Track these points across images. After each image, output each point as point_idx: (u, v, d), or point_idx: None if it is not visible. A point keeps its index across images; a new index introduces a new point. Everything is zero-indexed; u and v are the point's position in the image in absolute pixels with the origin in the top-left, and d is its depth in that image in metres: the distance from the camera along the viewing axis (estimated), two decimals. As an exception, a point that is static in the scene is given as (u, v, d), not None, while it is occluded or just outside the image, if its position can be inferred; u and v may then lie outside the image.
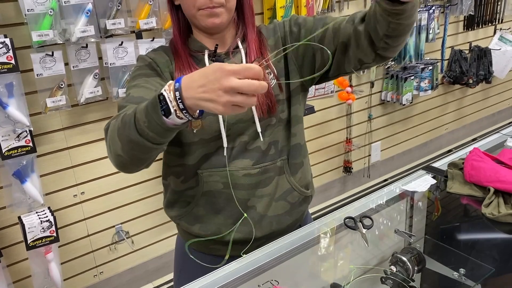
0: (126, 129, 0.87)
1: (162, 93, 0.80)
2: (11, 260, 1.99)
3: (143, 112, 0.83)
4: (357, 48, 1.02)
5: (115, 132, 0.90)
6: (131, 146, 0.88)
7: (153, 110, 0.81)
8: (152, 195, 2.29)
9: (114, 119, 0.95)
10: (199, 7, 1.03)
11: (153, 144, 0.86)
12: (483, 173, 1.30)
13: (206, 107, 0.77)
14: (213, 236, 1.15)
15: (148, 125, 0.82)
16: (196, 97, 0.77)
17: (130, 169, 0.97)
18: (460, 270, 0.99)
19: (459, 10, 3.20)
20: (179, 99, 0.78)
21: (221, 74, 0.74)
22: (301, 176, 1.20)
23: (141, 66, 1.11)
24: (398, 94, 3.04)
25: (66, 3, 1.71)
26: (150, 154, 0.92)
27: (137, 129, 0.84)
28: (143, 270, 2.40)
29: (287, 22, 1.16)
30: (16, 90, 1.69)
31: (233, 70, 0.74)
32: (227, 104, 0.75)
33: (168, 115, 0.80)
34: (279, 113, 1.14)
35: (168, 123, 0.82)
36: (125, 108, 0.96)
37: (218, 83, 0.74)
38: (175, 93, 0.78)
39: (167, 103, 0.79)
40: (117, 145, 0.90)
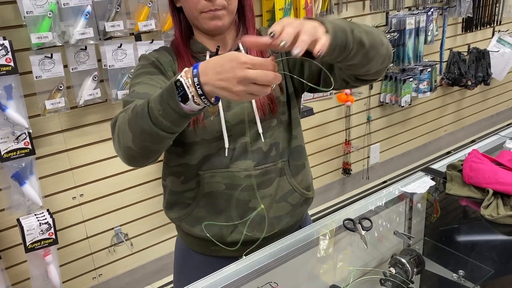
0: (139, 119, 0.86)
1: (178, 79, 0.80)
2: (10, 263, 1.99)
3: (157, 101, 0.83)
4: (339, 70, 1.04)
5: (126, 124, 0.90)
6: (143, 137, 0.88)
7: (170, 97, 0.81)
8: (151, 197, 2.29)
9: (122, 113, 0.94)
10: (201, 10, 1.04)
11: (166, 133, 0.86)
12: (482, 175, 1.30)
13: (221, 95, 0.79)
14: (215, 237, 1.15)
15: (163, 113, 0.82)
16: (212, 84, 0.78)
17: (139, 162, 0.96)
18: (459, 272, 0.99)
19: (458, 12, 3.21)
20: (198, 85, 0.79)
21: (236, 64, 0.76)
22: (302, 178, 1.21)
23: (144, 64, 1.11)
24: (397, 96, 3.04)
25: (65, 5, 1.71)
26: (162, 144, 0.91)
27: (150, 118, 0.84)
28: (142, 272, 2.40)
29: None
30: (15, 92, 1.69)
31: (248, 61, 0.75)
32: (241, 93, 0.77)
33: (186, 101, 0.80)
34: (280, 115, 1.15)
35: (186, 109, 0.82)
36: (133, 103, 0.95)
37: (232, 73, 0.76)
38: (193, 79, 0.79)
39: (184, 89, 0.80)
40: (127, 136, 0.90)
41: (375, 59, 0.95)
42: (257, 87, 0.77)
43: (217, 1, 1.02)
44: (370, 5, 2.81)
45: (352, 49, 0.88)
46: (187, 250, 1.27)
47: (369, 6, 2.81)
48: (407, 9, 3.01)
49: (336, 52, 0.86)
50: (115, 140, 0.95)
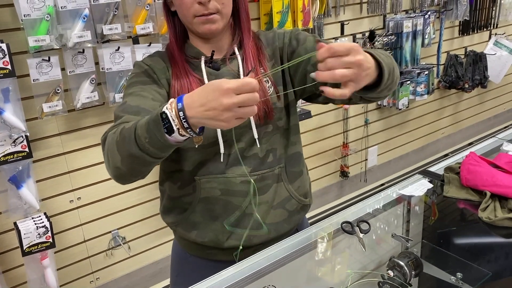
0: (126, 143, 0.88)
1: (164, 111, 0.82)
2: (7, 266, 1.98)
3: (144, 128, 0.84)
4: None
5: (114, 146, 0.91)
6: (131, 160, 0.90)
7: (156, 128, 0.82)
8: (148, 200, 2.29)
9: (112, 130, 0.95)
10: (195, 14, 1.03)
11: (153, 158, 0.88)
12: (480, 177, 1.30)
13: (210, 125, 0.80)
14: (211, 243, 1.15)
15: (150, 141, 0.84)
16: (199, 116, 0.79)
17: (127, 180, 0.98)
18: (457, 274, 0.99)
19: (455, 15, 3.22)
20: (183, 119, 0.80)
21: (220, 93, 0.76)
22: (300, 185, 1.20)
23: (137, 73, 1.10)
24: (394, 98, 3.05)
25: (63, 8, 1.71)
26: (150, 166, 0.94)
27: (137, 144, 0.86)
28: (140, 276, 2.39)
29: (288, 34, 1.16)
30: (12, 95, 1.69)
31: (231, 88, 0.76)
32: (230, 119, 0.78)
33: (171, 133, 0.82)
34: (276, 121, 1.14)
35: (171, 140, 0.84)
36: (122, 119, 0.97)
37: (218, 102, 0.76)
38: (178, 113, 0.80)
39: (169, 121, 0.81)
40: (116, 158, 0.92)
41: (392, 90, 1.01)
42: (244, 109, 0.78)
43: (210, 4, 1.02)
44: (367, 8, 2.82)
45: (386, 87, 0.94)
46: (183, 254, 1.26)
47: (367, 9, 2.82)
48: (404, 12, 3.02)
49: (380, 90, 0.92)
50: (105, 158, 0.96)
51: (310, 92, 1.14)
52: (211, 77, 1.09)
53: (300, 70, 1.12)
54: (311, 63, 1.08)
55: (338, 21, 2.71)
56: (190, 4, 1.02)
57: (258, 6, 2.36)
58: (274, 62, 1.14)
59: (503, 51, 3.64)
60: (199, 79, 1.09)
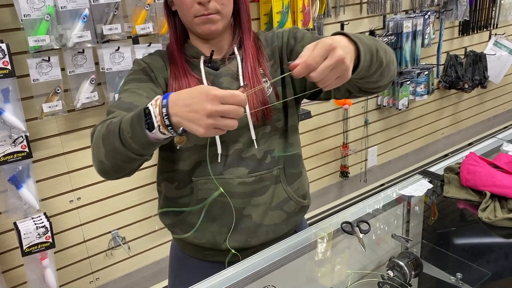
0: (111, 137, 0.87)
1: (148, 107, 0.81)
2: (7, 267, 1.98)
3: (128, 123, 0.84)
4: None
5: (100, 139, 0.91)
6: (114, 154, 0.89)
7: (138, 123, 0.82)
8: (148, 200, 2.29)
9: (101, 124, 0.95)
10: (195, 14, 1.03)
11: (135, 155, 0.87)
12: (479, 178, 1.30)
13: (188, 127, 0.79)
14: (208, 244, 1.15)
15: (132, 135, 0.83)
16: (180, 115, 0.78)
17: (111, 176, 0.98)
18: (457, 275, 0.99)
19: (454, 15, 3.22)
20: (166, 115, 0.79)
21: (206, 98, 0.76)
22: (298, 187, 1.20)
23: (135, 70, 1.11)
24: (394, 99, 3.05)
25: (63, 9, 1.71)
26: (133, 164, 0.93)
27: (121, 139, 0.85)
28: (140, 276, 2.39)
29: (286, 33, 1.16)
30: (12, 95, 1.69)
31: (218, 96, 0.76)
32: (208, 126, 0.77)
33: (152, 129, 0.81)
34: (274, 122, 1.13)
35: (151, 137, 0.83)
36: (113, 114, 0.97)
37: (202, 106, 0.76)
38: (161, 109, 0.80)
39: (151, 117, 0.81)
40: (101, 151, 0.91)
41: (387, 77, 1.00)
42: (225, 120, 0.77)
43: (210, 5, 1.02)
44: (367, 8, 2.82)
45: (374, 70, 0.92)
46: (182, 255, 1.26)
47: (367, 9, 2.82)
48: (404, 13, 3.02)
49: (361, 73, 0.89)
50: (92, 151, 0.96)
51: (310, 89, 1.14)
52: (210, 77, 1.10)
53: None
54: None
55: (338, 21, 2.71)
56: (190, 4, 1.02)
57: (258, 6, 2.36)
58: (273, 62, 1.14)
59: (503, 51, 3.64)
60: (198, 79, 1.09)
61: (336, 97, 1.13)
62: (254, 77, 1.09)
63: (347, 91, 1.07)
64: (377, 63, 0.92)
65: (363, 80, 0.96)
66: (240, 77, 1.09)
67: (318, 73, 0.80)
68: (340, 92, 1.09)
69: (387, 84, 1.04)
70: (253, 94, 1.08)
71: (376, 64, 0.92)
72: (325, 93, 1.13)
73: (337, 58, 0.80)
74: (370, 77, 0.95)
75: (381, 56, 0.92)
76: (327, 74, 0.80)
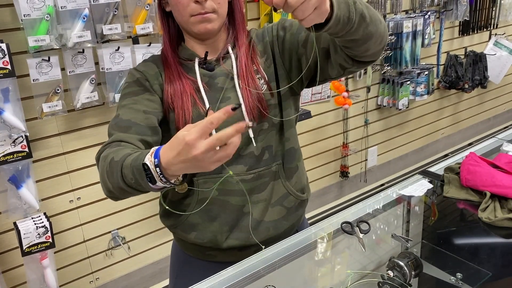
0: (115, 178, 0.89)
1: (145, 162, 0.82)
2: (7, 266, 1.98)
3: (129, 170, 0.85)
4: (335, 53, 1.02)
5: (105, 174, 0.93)
6: (121, 191, 0.91)
7: (139, 176, 0.83)
8: (148, 200, 2.29)
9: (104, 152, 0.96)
10: (191, 13, 1.03)
11: (141, 192, 0.90)
12: (479, 178, 1.30)
13: (193, 171, 0.79)
14: (209, 244, 1.15)
15: (135, 182, 0.85)
16: (179, 169, 0.78)
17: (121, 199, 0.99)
18: (457, 275, 0.99)
19: (454, 15, 3.22)
20: (161, 174, 0.80)
21: (187, 147, 0.74)
22: (296, 181, 1.20)
23: (129, 83, 1.11)
24: (394, 99, 3.05)
25: (63, 8, 1.71)
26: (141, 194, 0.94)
27: (125, 181, 0.87)
28: (140, 276, 2.39)
29: (275, 26, 1.16)
30: (12, 95, 1.69)
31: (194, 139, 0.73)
32: (208, 165, 0.77)
33: (154, 182, 0.83)
34: (271, 118, 1.14)
35: (154, 188, 0.85)
36: (113, 137, 0.98)
37: (188, 155, 0.75)
38: (156, 168, 0.80)
39: (151, 173, 0.82)
40: (108, 184, 0.93)
41: (375, 36, 0.94)
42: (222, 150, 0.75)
43: (206, 4, 1.01)
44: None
45: (355, 22, 0.86)
46: (183, 255, 1.26)
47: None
48: (404, 13, 3.02)
49: (340, 24, 0.84)
50: (100, 179, 0.97)
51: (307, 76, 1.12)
52: (205, 78, 1.10)
53: (294, 58, 1.11)
54: (300, 44, 1.08)
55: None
56: (187, 3, 1.02)
57: (258, 6, 2.36)
58: (266, 57, 1.14)
59: (503, 51, 3.64)
60: (193, 81, 1.09)
61: (331, 75, 1.08)
62: (249, 75, 1.09)
63: (340, 67, 1.04)
64: (357, 15, 0.87)
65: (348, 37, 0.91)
66: (235, 76, 1.10)
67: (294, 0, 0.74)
68: (333, 68, 1.05)
69: (378, 50, 0.99)
70: (249, 93, 1.08)
71: (357, 17, 0.87)
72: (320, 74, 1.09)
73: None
74: (355, 33, 0.90)
75: (360, 8, 0.87)
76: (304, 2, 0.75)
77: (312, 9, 0.77)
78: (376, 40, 0.95)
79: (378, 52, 1.00)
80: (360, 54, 0.98)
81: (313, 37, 1.03)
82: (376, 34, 0.94)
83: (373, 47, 0.97)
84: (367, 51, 0.97)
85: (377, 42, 0.96)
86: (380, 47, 0.99)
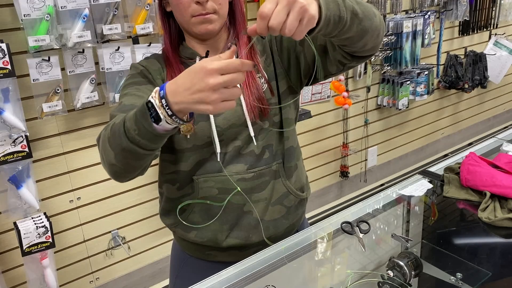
0: (117, 138, 0.86)
1: (150, 100, 0.80)
2: (7, 266, 1.98)
3: (132, 120, 0.83)
4: (333, 50, 1.02)
5: (106, 142, 0.90)
6: (124, 154, 0.88)
7: (143, 118, 0.81)
8: (148, 200, 2.29)
9: (105, 129, 0.95)
10: (192, 14, 1.03)
11: (145, 150, 0.86)
12: (479, 178, 1.30)
13: (196, 109, 0.77)
14: (210, 243, 1.15)
15: (139, 132, 0.82)
16: (185, 101, 0.77)
17: (125, 177, 0.97)
18: (457, 275, 1.00)
19: (454, 15, 3.22)
20: (167, 106, 0.78)
21: (205, 74, 0.75)
22: (296, 179, 1.20)
23: (133, 74, 1.11)
24: (394, 99, 3.05)
25: (63, 8, 1.71)
26: (144, 160, 0.92)
27: (127, 137, 0.84)
28: (140, 276, 2.39)
29: None
30: (12, 95, 1.69)
31: (215, 68, 0.74)
32: (216, 101, 0.76)
33: (159, 121, 0.80)
34: (272, 117, 1.14)
35: (159, 130, 0.82)
36: (116, 118, 0.96)
37: (204, 83, 0.75)
38: (161, 100, 0.79)
39: (156, 110, 0.80)
40: (110, 154, 0.90)
41: (370, 31, 0.93)
42: (230, 90, 0.76)
43: (207, 4, 1.02)
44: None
45: (347, 20, 0.85)
46: (183, 255, 1.26)
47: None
48: (404, 13, 3.02)
49: (331, 24, 0.83)
50: (100, 157, 0.95)
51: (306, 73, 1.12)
52: None
53: (292, 57, 1.11)
54: (297, 43, 1.08)
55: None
56: (188, 4, 1.02)
57: (258, 6, 2.36)
58: (265, 56, 1.15)
59: (503, 51, 3.64)
60: None
61: (331, 71, 1.08)
62: (249, 74, 1.10)
63: (339, 63, 1.04)
64: (348, 13, 0.85)
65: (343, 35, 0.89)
66: None
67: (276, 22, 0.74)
68: (332, 64, 1.05)
69: (376, 44, 0.98)
70: (249, 92, 1.08)
71: (348, 14, 0.85)
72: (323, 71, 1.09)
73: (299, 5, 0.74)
74: (349, 31, 0.88)
75: (350, 5, 0.86)
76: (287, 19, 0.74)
77: (297, 22, 0.75)
78: (372, 34, 0.94)
79: (377, 46, 0.99)
80: (358, 50, 0.98)
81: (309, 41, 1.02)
82: (372, 28, 0.92)
83: (370, 42, 0.96)
84: (365, 46, 0.96)
85: (374, 36, 0.95)
86: (378, 40, 0.98)
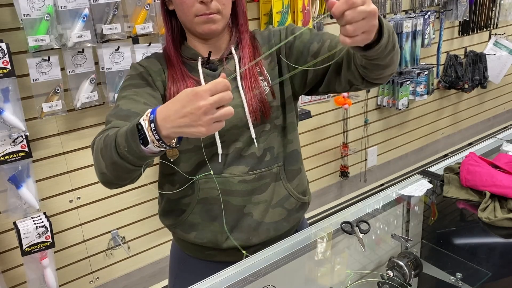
0: (108, 151, 0.89)
1: (140, 122, 0.82)
2: (6, 266, 1.98)
3: (123, 138, 0.85)
4: (347, 70, 1.03)
5: (99, 152, 0.92)
6: (114, 167, 0.90)
7: (132, 138, 0.83)
8: (148, 200, 2.29)
9: (99, 136, 0.96)
10: (196, 13, 1.03)
11: (134, 166, 0.88)
12: (479, 178, 1.30)
13: (188, 133, 0.79)
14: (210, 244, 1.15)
15: (128, 150, 0.84)
16: (176, 126, 0.79)
17: (114, 185, 0.98)
18: (457, 275, 1.00)
19: (454, 15, 3.22)
20: (154, 130, 0.80)
21: (196, 97, 0.76)
22: (298, 183, 1.20)
23: (132, 75, 1.10)
24: (394, 99, 3.05)
25: (63, 8, 1.71)
26: (133, 173, 0.94)
27: (118, 152, 0.87)
28: (139, 275, 2.39)
29: (283, 31, 1.15)
30: (12, 95, 1.68)
31: (205, 89, 0.76)
32: (208, 123, 0.77)
33: (146, 144, 0.82)
34: (273, 119, 1.14)
35: (145, 151, 0.84)
36: (111, 124, 0.97)
37: (194, 106, 0.76)
38: (150, 124, 0.80)
39: (145, 133, 0.81)
40: (101, 164, 0.92)
41: (395, 64, 0.98)
42: (221, 110, 0.78)
43: (211, 4, 1.02)
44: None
45: (389, 51, 0.90)
46: (182, 255, 1.26)
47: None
48: (404, 13, 3.02)
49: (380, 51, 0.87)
50: (94, 163, 0.97)
51: (311, 84, 1.13)
52: (208, 78, 1.09)
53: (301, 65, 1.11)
54: (310, 54, 1.08)
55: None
56: (192, 3, 1.02)
57: (258, 6, 2.35)
58: (270, 59, 1.14)
59: (503, 51, 3.64)
60: (196, 81, 1.09)
61: (336, 89, 1.10)
62: (252, 76, 1.10)
63: (348, 83, 1.05)
64: (392, 44, 0.90)
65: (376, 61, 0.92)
66: (238, 77, 1.10)
67: (354, 15, 0.74)
68: (341, 84, 1.06)
69: (390, 75, 1.02)
70: (251, 94, 1.08)
71: (391, 45, 0.90)
72: (325, 86, 1.11)
73: (372, 8, 0.76)
74: (383, 59, 0.91)
75: (395, 39, 0.91)
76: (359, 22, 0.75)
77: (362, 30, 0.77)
78: (394, 67, 0.99)
79: (389, 77, 1.04)
80: (374, 77, 1.01)
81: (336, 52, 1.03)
82: (395, 63, 0.98)
83: (387, 73, 1.00)
84: (382, 75, 1.00)
85: (394, 69, 1.00)
86: (391, 73, 1.03)
